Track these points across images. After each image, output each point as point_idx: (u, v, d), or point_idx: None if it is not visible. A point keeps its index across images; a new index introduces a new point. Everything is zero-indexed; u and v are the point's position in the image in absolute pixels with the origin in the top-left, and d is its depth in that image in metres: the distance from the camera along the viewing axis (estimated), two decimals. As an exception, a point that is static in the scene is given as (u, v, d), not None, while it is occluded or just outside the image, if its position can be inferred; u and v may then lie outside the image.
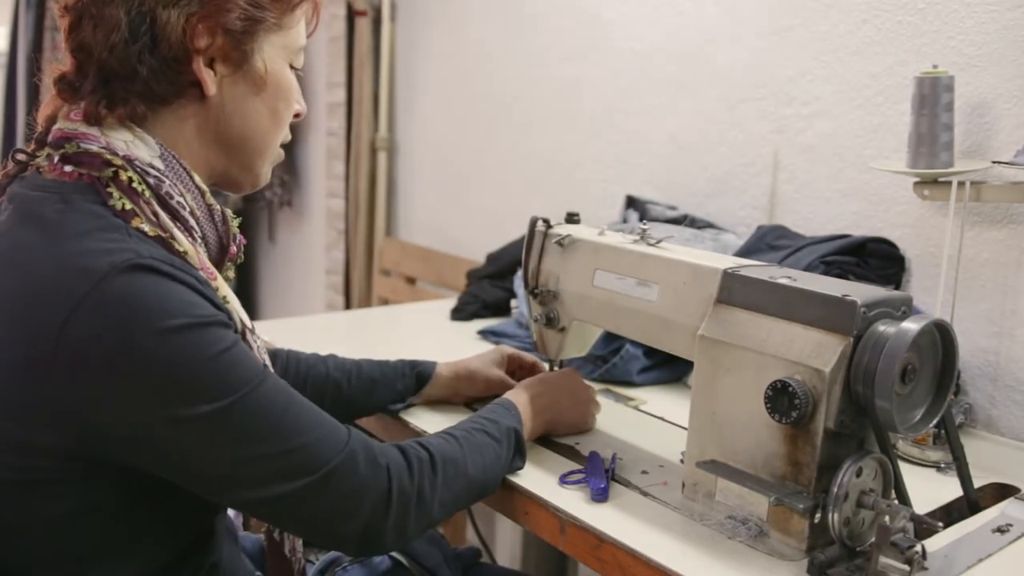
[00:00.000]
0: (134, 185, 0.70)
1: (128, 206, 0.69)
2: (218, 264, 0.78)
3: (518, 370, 1.10)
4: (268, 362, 0.78)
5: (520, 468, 0.89)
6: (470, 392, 1.07)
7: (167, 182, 0.73)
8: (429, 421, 1.04)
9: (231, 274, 0.81)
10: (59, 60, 0.76)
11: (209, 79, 0.74)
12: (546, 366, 1.10)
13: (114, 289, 0.63)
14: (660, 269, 0.89)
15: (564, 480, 0.89)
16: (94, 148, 0.71)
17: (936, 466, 0.98)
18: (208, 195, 0.77)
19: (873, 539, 0.70)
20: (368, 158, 2.32)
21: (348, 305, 2.45)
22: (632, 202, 1.56)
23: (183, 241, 0.71)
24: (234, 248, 0.80)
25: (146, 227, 0.69)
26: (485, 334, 1.43)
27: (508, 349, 1.11)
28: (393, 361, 1.07)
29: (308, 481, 0.68)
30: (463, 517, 1.75)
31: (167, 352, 0.63)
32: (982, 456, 1.02)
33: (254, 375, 0.68)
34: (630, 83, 1.64)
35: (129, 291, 0.63)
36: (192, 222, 0.74)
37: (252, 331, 0.76)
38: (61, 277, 0.64)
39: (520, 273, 1.25)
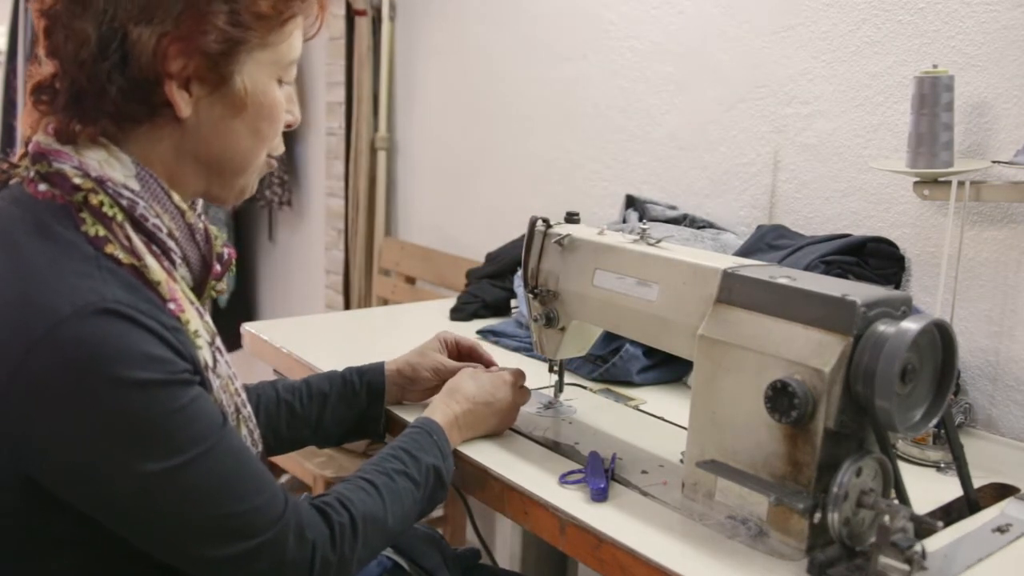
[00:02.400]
0: (104, 209, 0.68)
1: (101, 232, 0.67)
2: (201, 282, 0.76)
3: (458, 354, 1.08)
4: (236, 394, 0.76)
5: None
6: (420, 387, 1.04)
7: (141, 204, 0.70)
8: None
9: (221, 286, 0.78)
10: (40, 64, 0.72)
11: (183, 101, 0.70)
12: (525, 361, 1.09)
13: (74, 333, 0.61)
14: (660, 269, 0.89)
15: (564, 480, 0.89)
16: (66, 168, 0.68)
17: (936, 466, 0.98)
18: (188, 214, 0.73)
19: (873, 539, 0.70)
20: (368, 158, 2.32)
21: (348, 305, 2.45)
22: (632, 202, 1.56)
23: (156, 270, 0.69)
24: (218, 268, 0.77)
25: (119, 254, 0.67)
26: (484, 334, 1.43)
27: (447, 334, 1.09)
28: (341, 371, 1.03)
29: (243, 547, 0.68)
30: (463, 517, 1.75)
31: (121, 405, 0.62)
32: (982, 456, 1.02)
33: (207, 435, 0.66)
34: (630, 82, 1.64)
35: (90, 337, 0.61)
36: (170, 244, 0.71)
37: (214, 367, 0.72)
38: (23, 312, 0.62)
39: (520, 273, 1.25)
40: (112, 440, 0.62)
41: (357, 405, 1.01)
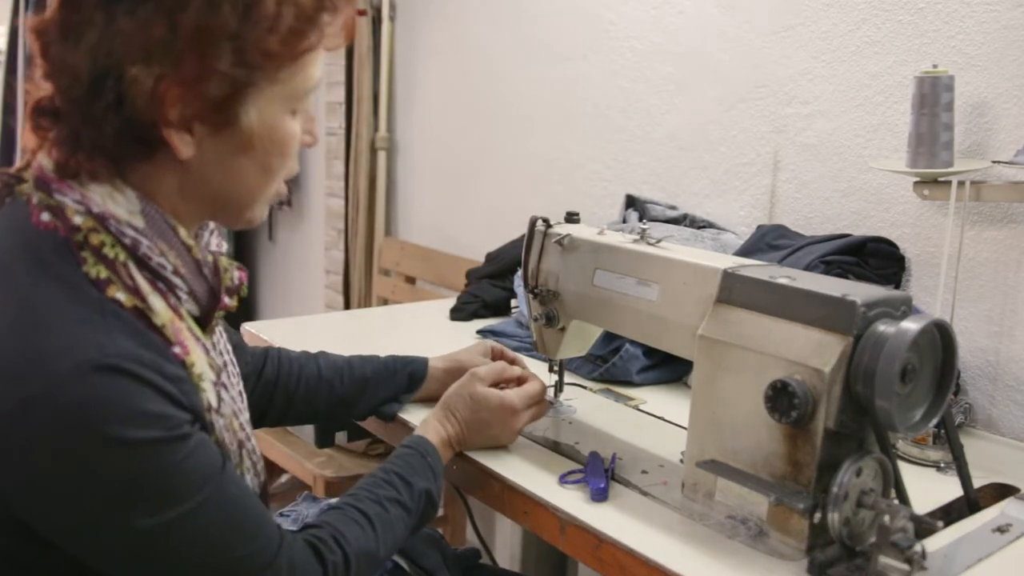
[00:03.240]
0: (106, 251, 0.65)
1: (103, 275, 0.64)
2: (209, 312, 0.73)
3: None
4: (240, 429, 0.75)
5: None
6: None
7: (145, 242, 0.67)
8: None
9: (233, 303, 0.75)
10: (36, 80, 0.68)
11: (183, 144, 0.66)
12: (526, 361, 1.09)
13: (72, 394, 0.59)
14: (660, 269, 0.90)
15: (564, 480, 0.89)
16: (68, 202, 0.65)
17: (936, 466, 0.98)
18: (195, 249, 0.70)
19: (873, 539, 0.70)
20: (368, 157, 2.32)
21: (348, 305, 2.45)
22: (632, 201, 1.56)
23: (161, 311, 0.66)
24: (226, 300, 0.73)
25: (122, 296, 0.64)
26: (485, 334, 1.43)
27: (495, 344, 1.09)
28: (384, 358, 1.06)
29: None
30: (463, 517, 1.75)
31: (117, 465, 0.60)
32: (982, 456, 1.02)
33: (202, 486, 0.64)
34: (630, 82, 1.64)
35: (88, 398, 0.59)
36: (176, 280, 0.69)
37: (218, 407, 0.71)
38: (21, 363, 0.60)
39: (520, 273, 1.25)
40: (106, 498, 0.61)
41: (394, 392, 1.04)
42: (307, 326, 1.55)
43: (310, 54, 0.68)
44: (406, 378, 1.05)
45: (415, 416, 1.05)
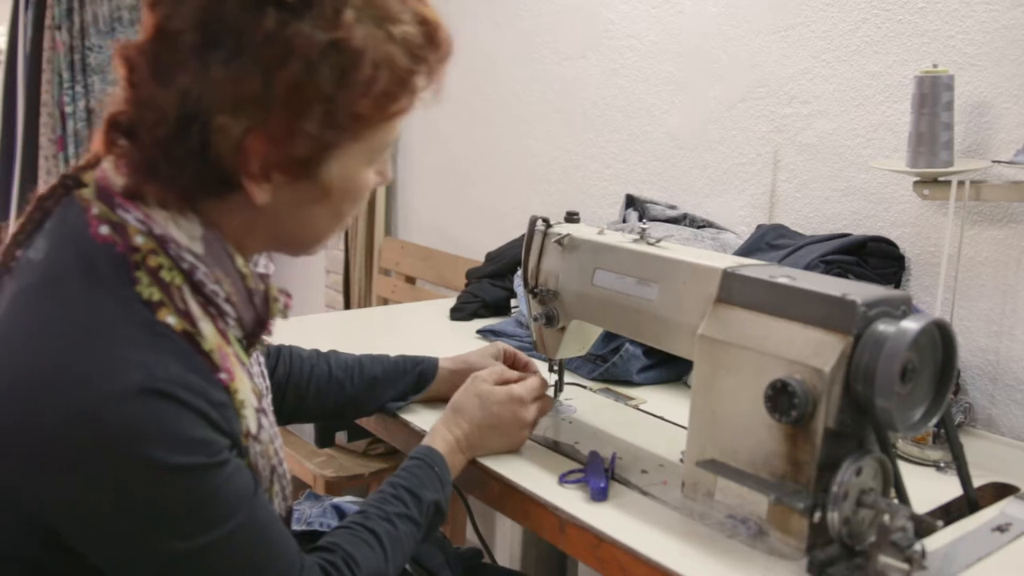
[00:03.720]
0: (162, 274, 0.65)
1: (156, 297, 0.64)
2: (252, 337, 0.73)
3: (513, 367, 1.09)
4: (274, 455, 0.75)
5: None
6: None
7: (202, 268, 0.67)
8: (429, 421, 1.04)
9: (270, 329, 0.75)
10: (109, 96, 0.68)
11: (260, 191, 0.66)
12: (537, 365, 1.09)
13: (117, 415, 0.59)
14: (660, 268, 0.90)
15: (564, 480, 0.89)
16: (130, 221, 0.65)
17: (936, 465, 0.98)
18: (250, 279, 0.70)
19: (873, 538, 0.70)
20: (368, 157, 2.32)
21: (348, 304, 2.45)
22: (632, 201, 1.56)
23: (210, 337, 0.66)
24: (271, 326, 0.74)
25: (172, 320, 0.64)
26: (485, 333, 1.43)
27: (506, 346, 1.10)
28: (394, 358, 1.07)
29: None
30: (463, 517, 1.75)
31: (155, 489, 0.61)
32: (982, 455, 1.02)
33: (235, 513, 0.64)
34: (630, 82, 1.64)
35: (132, 420, 0.59)
36: (227, 308, 0.69)
37: (257, 434, 0.71)
38: (67, 379, 0.59)
39: (520, 272, 1.25)
40: (143, 520, 0.61)
41: (403, 392, 1.05)
42: (307, 325, 1.55)
43: (399, 116, 0.68)
44: (415, 378, 1.05)
45: (418, 416, 1.05)
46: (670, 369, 1.23)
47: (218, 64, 0.61)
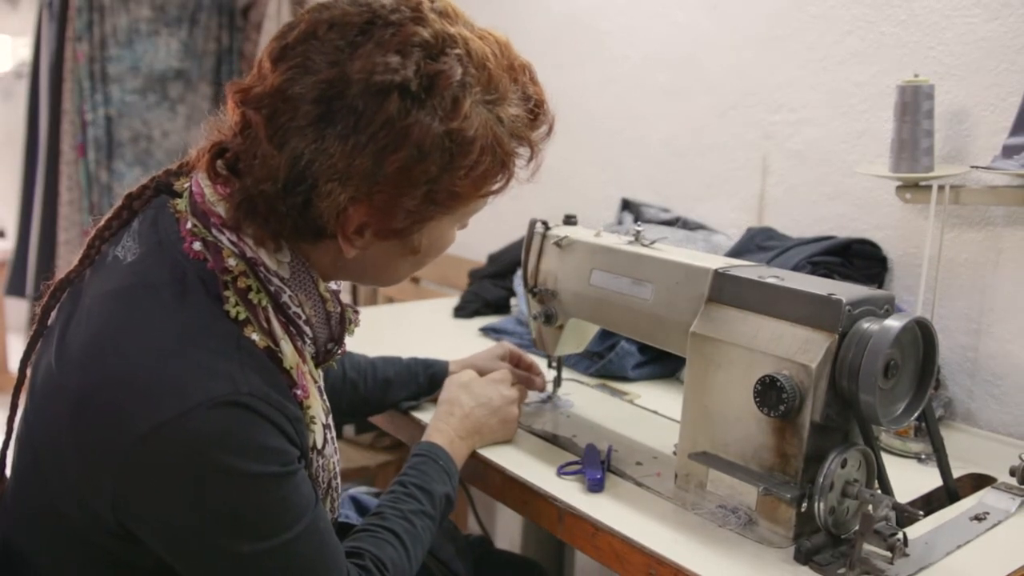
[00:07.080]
0: (251, 296, 0.67)
1: (242, 316, 0.66)
2: (327, 354, 0.76)
3: (517, 366, 1.11)
4: (333, 470, 0.77)
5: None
6: None
7: (287, 292, 0.69)
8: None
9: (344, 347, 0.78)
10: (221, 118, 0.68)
11: (353, 247, 0.69)
12: (540, 365, 1.12)
13: (201, 424, 0.61)
14: (654, 269, 0.91)
15: (562, 471, 0.91)
16: (224, 242, 0.67)
17: (917, 457, 1.00)
18: (330, 303, 0.73)
19: (857, 527, 0.72)
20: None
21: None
22: (627, 205, 1.58)
23: (289, 356, 0.69)
24: (344, 348, 0.77)
25: (256, 337, 0.67)
26: (486, 331, 1.45)
27: (509, 345, 1.12)
28: (406, 360, 1.08)
29: None
30: (464, 506, 1.77)
31: (231, 494, 0.63)
32: (961, 448, 1.04)
33: (299, 520, 0.66)
34: (625, 90, 1.66)
35: (215, 429, 0.61)
36: (306, 328, 0.72)
37: (322, 448, 0.73)
38: (156, 389, 0.61)
39: (520, 272, 1.27)
40: (218, 523, 0.63)
41: (414, 393, 1.07)
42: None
43: (494, 195, 0.71)
44: (427, 380, 1.07)
45: (424, 412, 1.07)
46: (664, 365, 1.24)
47: (334, 138, 0.63)
